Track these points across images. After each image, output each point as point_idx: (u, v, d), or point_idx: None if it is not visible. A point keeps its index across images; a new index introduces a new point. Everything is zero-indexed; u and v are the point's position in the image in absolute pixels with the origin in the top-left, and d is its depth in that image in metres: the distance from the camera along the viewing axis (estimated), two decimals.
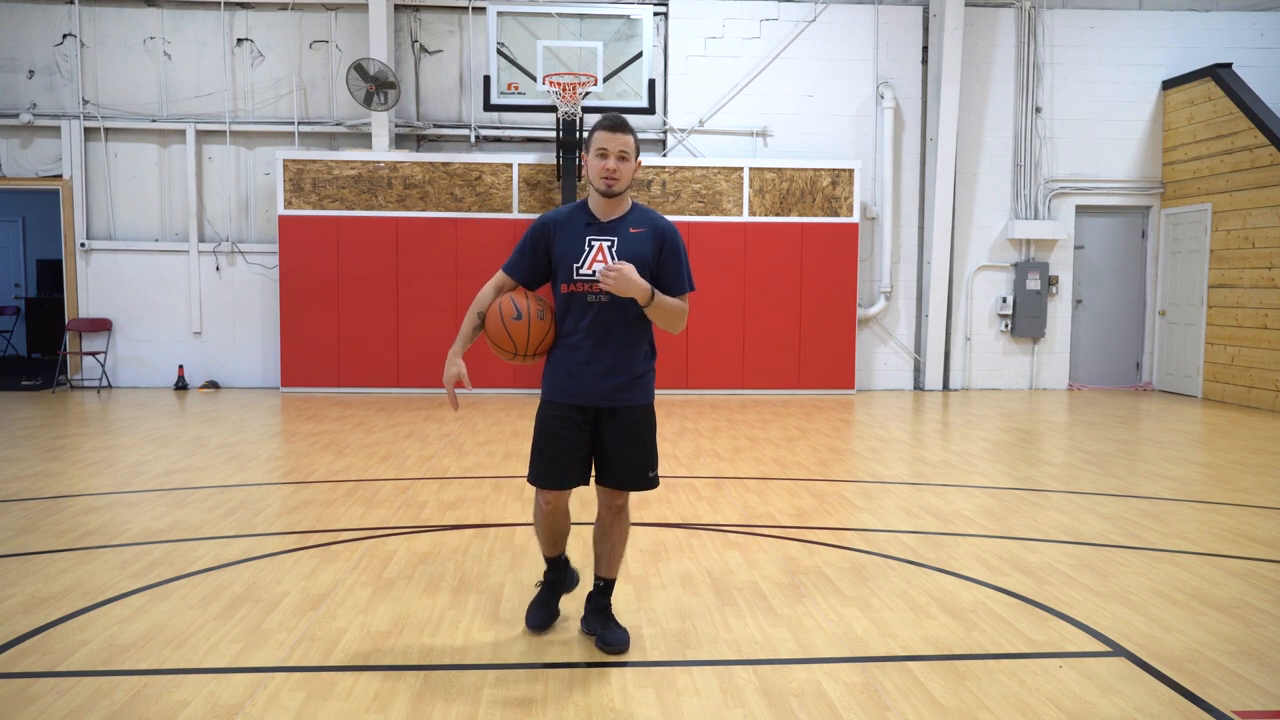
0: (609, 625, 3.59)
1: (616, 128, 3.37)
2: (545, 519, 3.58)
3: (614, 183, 3.37)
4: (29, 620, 3.78)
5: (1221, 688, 3.26)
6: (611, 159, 3.35)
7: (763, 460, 7.29)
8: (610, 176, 3.36)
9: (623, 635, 3.56)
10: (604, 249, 3.40)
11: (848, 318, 11.49)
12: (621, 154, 3.36)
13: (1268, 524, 5.47)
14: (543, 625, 3.71)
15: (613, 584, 3.67)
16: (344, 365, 11.21)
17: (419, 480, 6.48)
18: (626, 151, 3.37)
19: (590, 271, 3.38)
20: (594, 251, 3.40)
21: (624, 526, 3.61)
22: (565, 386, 3.45)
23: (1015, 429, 9.09)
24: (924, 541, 5.04)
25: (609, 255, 3.39)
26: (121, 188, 11.59)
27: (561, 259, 3.42)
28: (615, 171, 3.35)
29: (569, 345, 3.44)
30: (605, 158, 3.36)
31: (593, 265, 3.38)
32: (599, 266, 3.36)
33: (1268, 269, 10.39)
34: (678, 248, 3.47)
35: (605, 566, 3.63)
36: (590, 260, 3.39)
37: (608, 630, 3.57)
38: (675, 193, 11.29)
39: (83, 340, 11.57)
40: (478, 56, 11.62)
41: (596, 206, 3.46)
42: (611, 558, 3.62)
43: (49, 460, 7.09)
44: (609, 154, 3.35)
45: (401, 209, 11.16)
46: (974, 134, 12.00)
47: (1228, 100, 11.02)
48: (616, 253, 3.39)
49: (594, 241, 3.41)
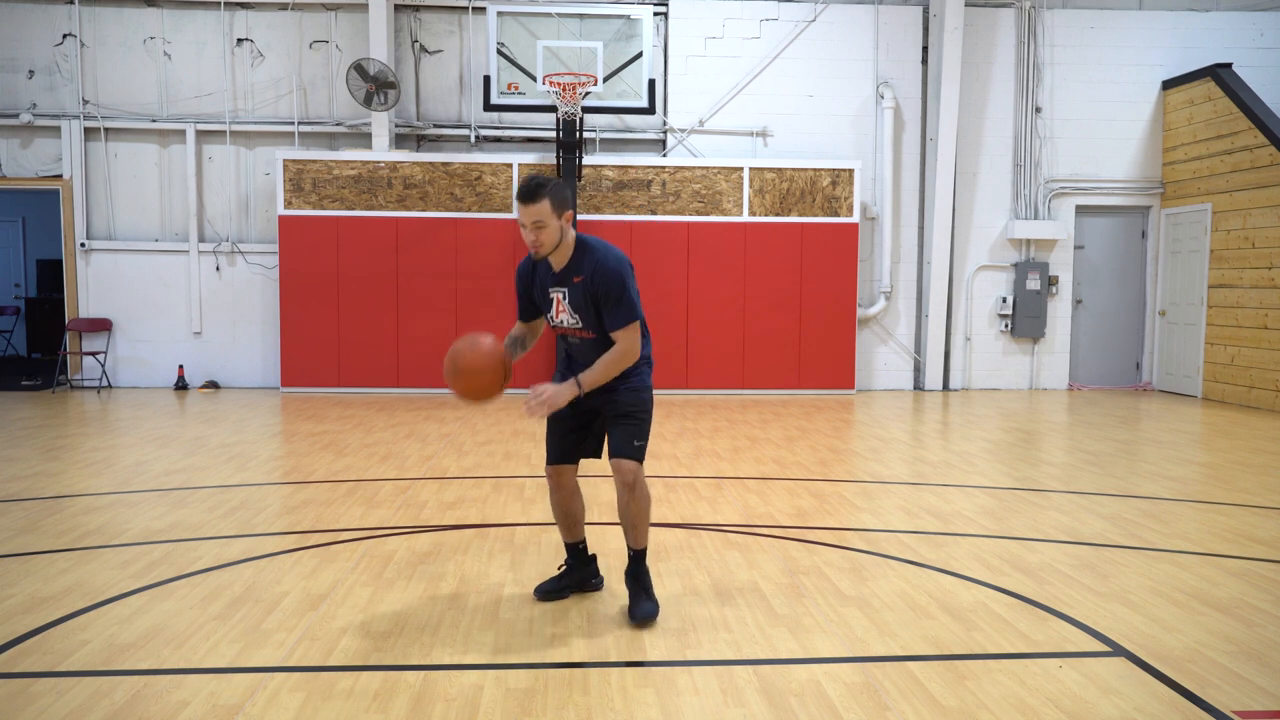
0: (639, 595, 3.84)
1: (526, 199, 3.58)
2: (552, 495, 3.99)
3: (538, 249, 3.64)
4: (29, 620, 3.78)
5: (1221, 688, 3.26)
6: (528, 230, 3.61)
7: (763, 460, 7.29)
8: (534, 245, 3.64)
9: (649, 608, 3.80)
10: (560, 299, 3.75)
11: (848, 318, 11.49)
12: (536, 224, 3.58)
13: (1268, 524, 5.47)
14: (547, 594, 4.03)
15: (643, 553, 3.90)
16: (344, 365, 11.21)
17: (419, 480, 6.48)
18: (541, 220, 3.58)
19: (559, 321, 3.79)
20: (554, 303, 3.78)
21: (639, 503, 3.81)
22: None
23: (1015, 429, 9.09)
24: (924, 541, 5.04)
25: (565, 306, 3.74)
26: (121, 188, 11.59)
27: (540, 308, 3.87)
28: (536, 242, 3.62)
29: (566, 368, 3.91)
30: (524, 228, 3.62)
31: (559, 316, 3.77)
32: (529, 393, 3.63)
33: (1268, 269, 10.40)
34: (610, 287, 3.65)
35: (631, 539, 3.88)
36: (556, 310, 3.78)
37: (635, 602, 3.83)
38: (675, 193, 11.30)
39: (83, 340, 11.57)
40: (478, 56, 11.62)
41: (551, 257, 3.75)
42: (635, 531, 3.85)
43: (49, 460, 7.09)
44: (525, 225, 3.61)
45: (401, 209, 11.16)
46: (974, 134, 12.00)
47: (1228, 100, 11.02)
48: (569, 303, 3.73)
49: (552, 294, 3.77)
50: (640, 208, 11.27)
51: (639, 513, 3.83)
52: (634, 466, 3.76)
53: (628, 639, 3.66)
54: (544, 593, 4.04)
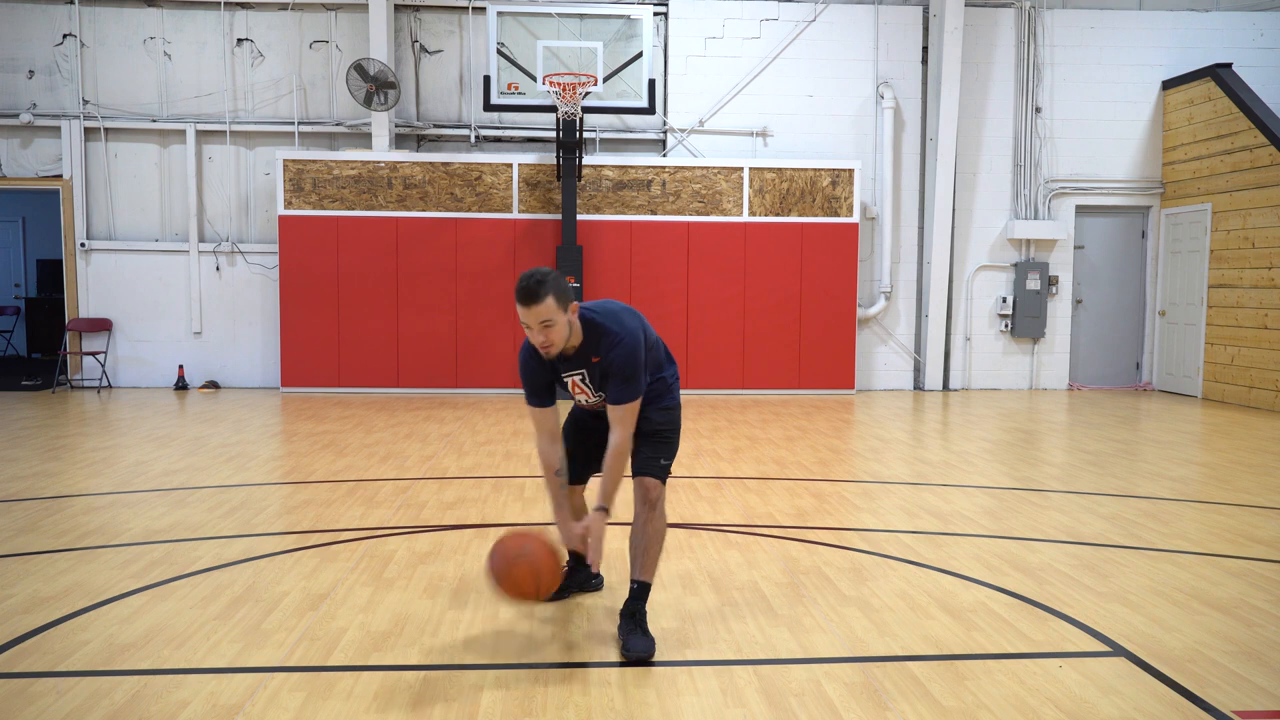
0: (634, 631, 3.51)
1: (528, 300, 3.35)
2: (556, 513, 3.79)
3: (549, 350, 3.46)
4: (29, 620, 3.78)
5: (1221, 688, 3.26)
6: (535, 331, 3.41)
7: (763, 460, 7.29)
8: (545, 347, 3.46)
9: (645, 644, 3.46)
10: (577, 382, 3.66)
11: (848, 318, 11.49)
12: (544, 324, 3.38)
13: (1268, 524, 5.47)
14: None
15: (646, 588, 3.59)
16: (344, 365, 11.21)
17: (419, 480, 6.48)
18: (548, 319, 3.38)
19: (579, 400, 3.77)
20: (571, 385, 3.71)
21: (657, 523, 3.59)
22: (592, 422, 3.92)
23: (1015, 429, 9.09)
24: (924, 541, 5.04)
25: (585, 386, 3.66)
26: (121, 188, 11.59)
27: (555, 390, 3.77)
28: (545, 342, 3.44)
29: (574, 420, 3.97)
30: (531, 329, 3.43)
31: (577, 396, 3.74)
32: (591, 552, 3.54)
33: (1268, 269, 10.39)
34: (623, 367, 3.53)
35: (638, 568, 3.58)
36: (572, 390, 3.73)
37: (631, 636, 3.48)
38: (675, 193, 11.30)
39: (83, 340, 11.57)
40: (478, 56, 11.62)
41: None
42: (645, 558, 3.57)
43: (49, 460, 7.09)
44: (532, 327, 3.41)
45: (401, 209, 11.16)
46: (974, 134, 12.00)
47: (1228, 100, 11.02)
48: (589, 383, 3.64)
49: (566, 378, 3.67)
50: (640, 208, 11.27)
51: (655, 534, 3.58)
52: (658, 485, 3.61)
53: None
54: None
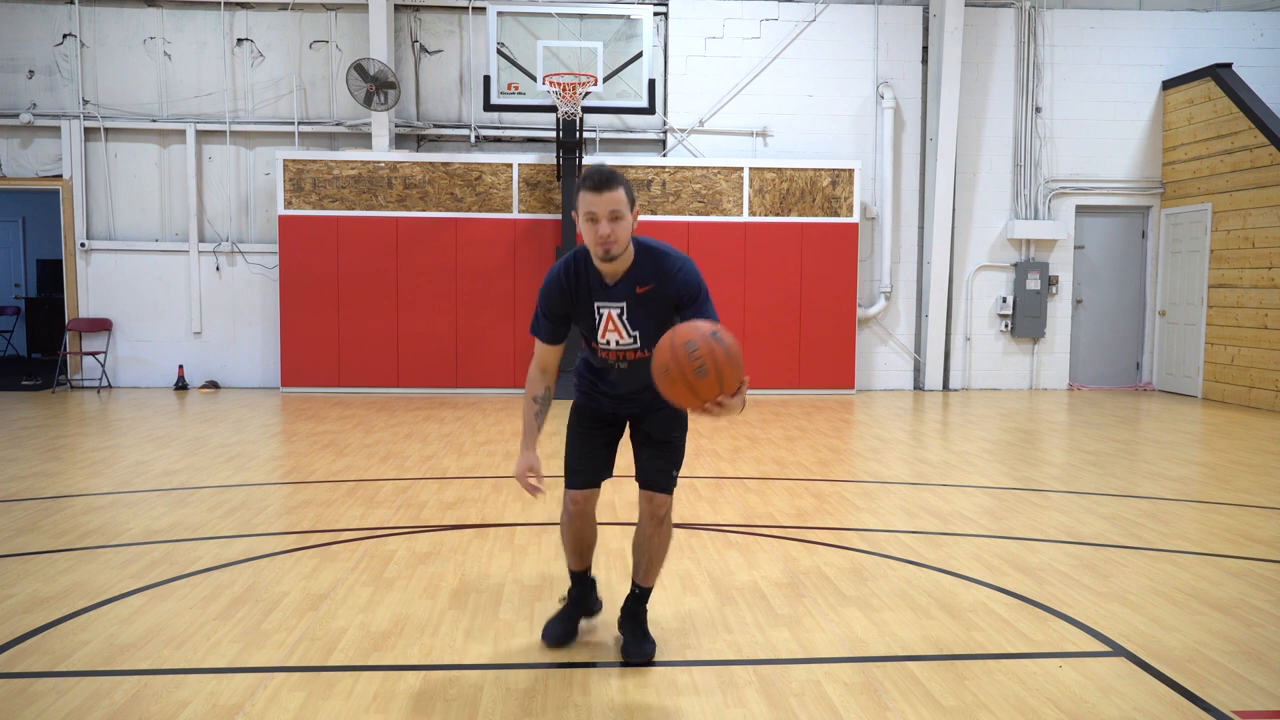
0: (637, 634, 3.49)
1: (602, 186, 3.01)
2: (572, 522, 3.47)
3: (611, 246, 3.05)
4: (29, 620, 3.77)
5: (1221, 688, 3.26)
6: (604, 222, 3.03)
7: (763, 460, 7.29)
8: (607, 242, 3.05)
9: (649, 647, 3.45)
10: (613, 317, 3.18)
11: (848, 318, 11.49)
12: (613, 214, 3.02)
13: (1268, 524, 5.47)
14: (560, 640, 3.56)
15: (648, 592, 3.54)
16: (344, 365, 11.21)
17: (419, 480, 6.48)
18: (618, 210, 3.03)
19: (605, 341, 3.23)
20: (604, 320, 3.19)
21: (665, 537, 3.45)
22: (598, 403, 3.44)
23: (1015, 429, 9.09)
24: (924, 541, 5.04)
25: (620, 324, 3.18)
26: (121, 188, 11.59)
27: (579, 323, 3.28)
28: (610, 236, 3.04)
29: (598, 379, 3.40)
30: (596, 222, 3.03)
31: (606, 335, 3.22)
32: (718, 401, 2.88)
33: (1268, 269, 10.39)
34: (696, 293, 3.16)
35: (642, 575, 3.50)
36: (603, 330, 3.21)
37: (635, 640, 3.47)
38: (675, 193, 11.30)
39: (83, 340, 11.57)
40: (478, 56, 11.62)
41: (600, 265, 3.16)
42: (650, 567, 3.48)
43: (49, 460, 7.09)
44: (599, 218, 3.03)
45: (401, 209, 11.16)
46: (974, 134, 12.00)
47: (1228, 100, 11.02)
48: (626, 320, 3.18)
49: (602, 310, 3.19)
50: (640, 208, 11.26)
51: (661, 547, 3.45)
52: (668, 500, 3.38)
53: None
54: (556, 638, 3.55)
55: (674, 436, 3.40)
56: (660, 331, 3.10)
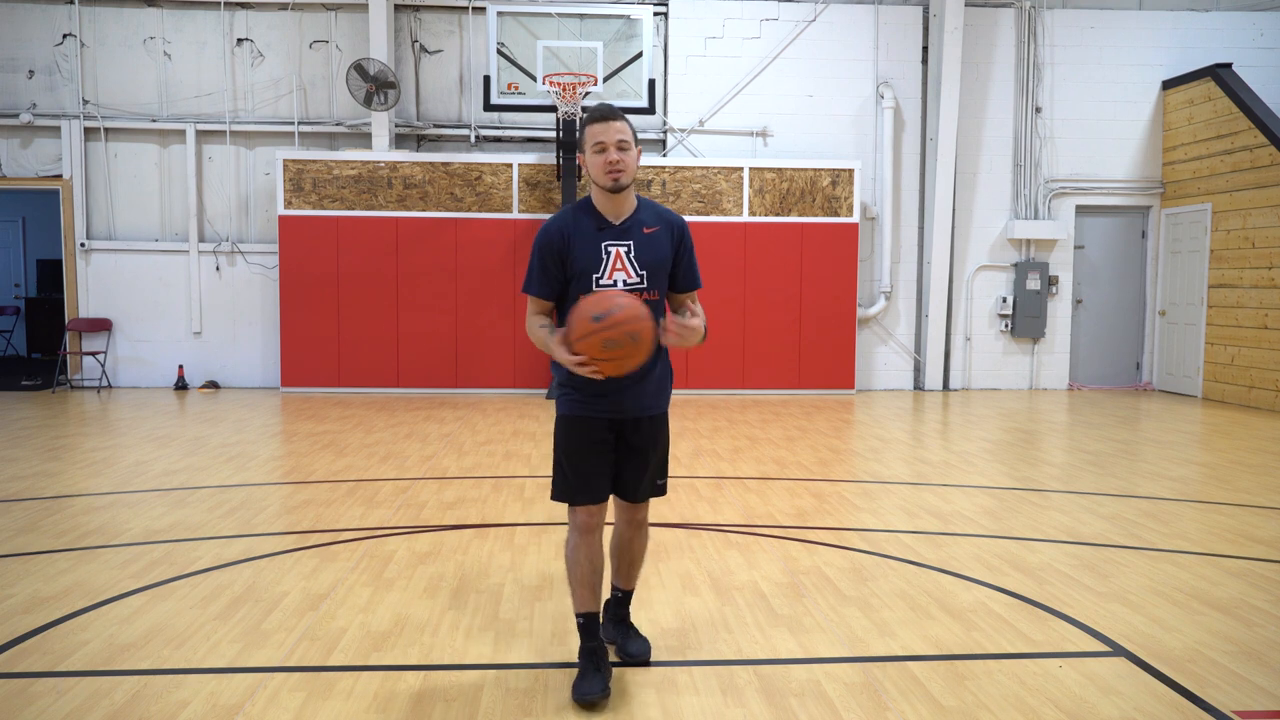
0: (629, 635, 3.50)
1: (609, 117, 3.13)
2: (583, 541, 3.21)
3: (620, 174, 3.13)
4: (29, 620, 3.78)
5: (1221, 688, 3.26)
6: (612, 150, 3.12)
7: (763, 460, 7.29)
8: (615, 169, 3.12)
9: (644, 645, 3.47)
10: (622, 255, 3.17)
11: (848, 318, 11.49)
12: (620, 143, 3.13)
13: (1268, 524, 5.47)
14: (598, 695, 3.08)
15: (631, 594, 3.55)
16: (344, 365, 11.21)
17: (419, 480, 6.48)
18: (625, 140, 3.14)
19: (611, 281, 3.16)
20: (612, 259, 3.17)
21: (645, 539, 3.45)
22: (594, 404, 3.20)
23: (1015, 429, 9.09)
24: (924, 541, 5.04)
25: (627, 263, 3.17)
26: (121, 188, 11.59)
27: (580, 271, 3.16)
28: (619, 163, 3.12)
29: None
30: (605, 150, 3.12)
31: (613, 275, 3.16)
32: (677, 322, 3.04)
33: (1268, 269, 10.39)
34: (691, 244, 3.33)
35: (625, 579, 3.50)
36: (610, 269, 3.16)
37: (629, 640, 3.47)
38: (675, 193, 11.29)
39: (83, 340, 11.57)
40: (478, 56, 11.62)
41: (604, 206, 3.21)
42: (632, 570, 3.48)
43: (49, 460, 7.09)
44: (608, 146, 3.12)
45: (401, 209, 11.16)
46: (974, 134, 12.00)
47: (1228, 100, 11.02)
48: (635, 258, 3.18)
49: (610, 248, 3.17)
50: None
51: (642, 549, 3.47)
52: (647, 506, 3.41)
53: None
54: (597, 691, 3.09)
55: (666, 445, 3.38)
56: (663, 275, 3.24)
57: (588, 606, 3.23)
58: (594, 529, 3.22)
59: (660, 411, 3.33)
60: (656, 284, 3.22)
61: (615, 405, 3.21)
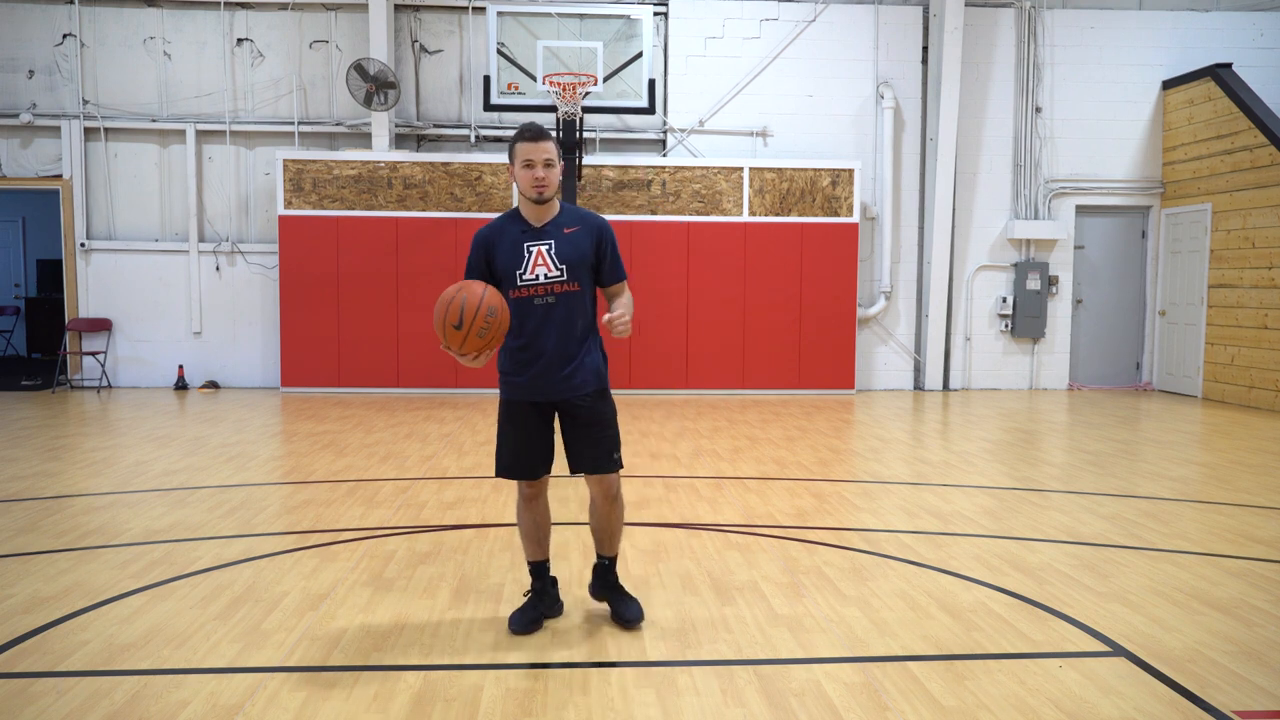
0: (621, 600, 3.82)
1: (538, 137, 3.54)
2: (526, 507, 3.76)
3: (544, 189, 3.56)
4: (29, 620, 3.78)
5: (1221, 688, 3.26)
6: (539, 168, 3.54)
7: (763, 460, 7.29)
8: (541, 184, 3.54)
9: (636, 610, 3.78)
10: (542, 252, 3.59)
11: (848, 318, 11.49)
12: (547, 161, 3.54)
13: (1268, 524, 5.47)
14: (525, 629, 3.69)
15: (614, 560, 3.86)
16: (344, 365, 11.21)
17: (419, 480, 6.48)
18: (551, 158, 3.55)
19: (533, 276, 3.58)
20: (534, 256, 3.59)
21: (620, 511, 3.79)
22: (521, 387, 3.65)
23: (1015, 429, 9.09)
24: (924, 541, 5.04)
25: (548, 258, 3.58)
26: (121, 188, 11.59)
27: (505, 270, 3.59)
28: (544, 179, 3.54)
29: (519, 348, 3.63)
30: (533, 167, 3.54)
31: (535, 270, 3.58)
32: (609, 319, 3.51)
33: (1268, 269, 10.40)
34: (614, 241, 3.73)
35: (607, 546, 3.83)
36: (532, 266, 3.58)
37: (621, 605, 3.79)
38: (675, 193, 11.30)
39: (83, 340, 11.57)
40: (478, 56, 11.62)
41: (529, 213, 3.64)
42: (611, 539, 3.81)
43: (49, 460, 7.09)
44: (535, 164, 3.53)
45: (401, 209, 11.16)
46: (974, 134, 12.00)
47: (1228, 100, 11.02)
48: (555, 254, 3.59)
49: (531, 248, 3.60)
50: (640, 208, 11.27)
51: (618, 520, 3.78)
52: (616, 478, 3.72)
53: (628, 639, 3.66)
54: (524, 625, 3.69)
55: (609, 420, 3.69)
56: (584, 269, 3.63)
57: (534, 556, 3.82)
58: (535, 497, 3.75)
59: (591, 390, 3.66)
60: (576, 277, 3.61)
61: (535, 388, 3.63)
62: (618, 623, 3.76)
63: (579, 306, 3.62)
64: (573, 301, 3.60)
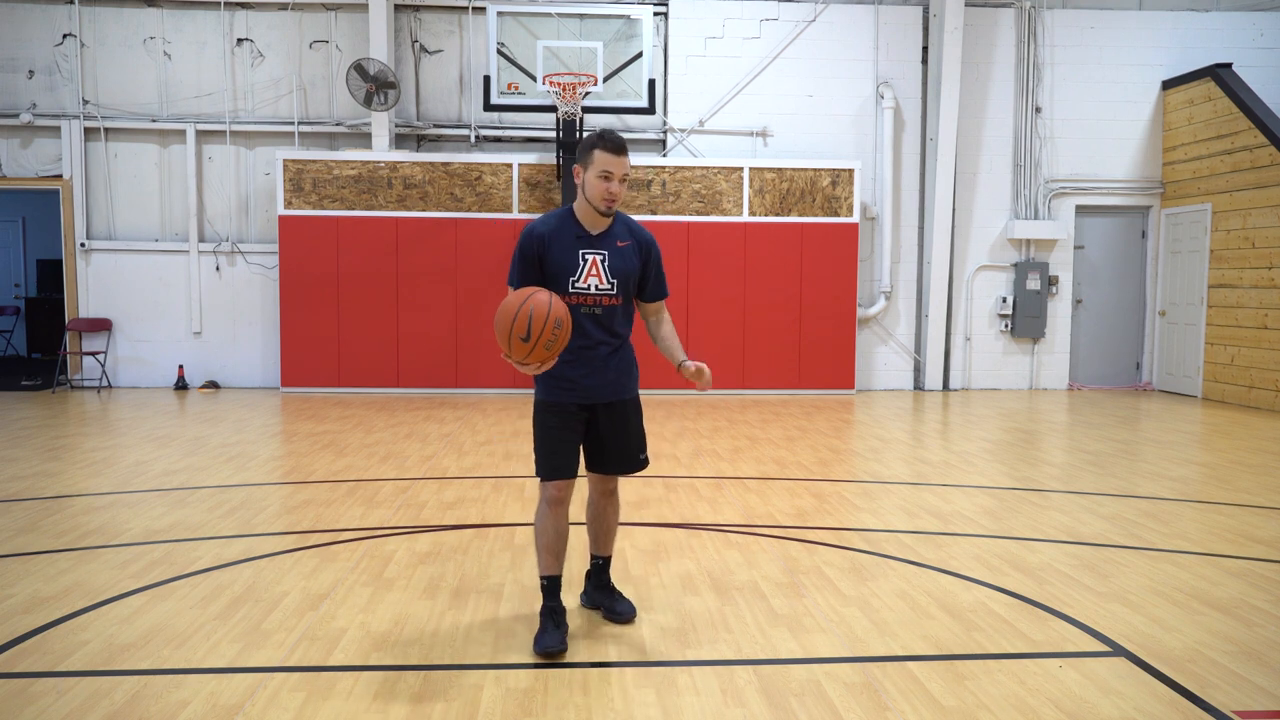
0: (614, 597, 3.88)
1: (621, 150, 3.49)
2: (552, 513, 3.58)
3: (615, 203, 3.51)
4: (29, 620, 3.78)
5: (1221, 688, 3.26)
6: (615, 182, 3.48)
7: (763, 460, 7.29)
8: (612, 198, 3.49)
9: (629, 606, 3.85)
10: (597, 263, 3.54)
11: (848, 318, 11.49)
12: (624, 177, 3.50)
13: (1268, 524, 5.47)
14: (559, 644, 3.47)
15: (609, 560, 3.92)
16: (344, 365, 11.21)
17: (419, 480, 6.48)
18: (628, 173, 3.54)
19: (586, 285, 3.53)
20: (589, 265, 3.53)
21: (616, 507, 3.86)
22: (567, 391, 3.59)
23: (1015, 429, 9.09)
24: (924, 541, 5.04)
25: (602, 270, 3.53)
26: (121, 188, 11.59)
27: (557, 273, 3.51)
28: (617, 194, 3.50)
29: (565, 353, 3.51)
30: (609, 180, 3.47)
31: (588, 279, 3.53)
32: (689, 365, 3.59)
33: (1268, 269, 10.40)
34: (660, 259, 3.73)
35: (603, 545, 3.88)
36: (586, 274, 3.53)
37: (615, 602, 3.86)
38: (675, 193, 11.30)
39: (83, 340, 11.57)
40: (478, 56, 11.62)
41: (586, 219, 3.57)
42: (608, 537, 3.86)
43: (49, 460, 7.09)
44: (613, 177, 3.47)
45: (401, 209, 11.16)
46: (974, 134, 12.00)
47: (1228, 100, 11.02)
48: (608, 266, 3.54)
49: (587, 255, 3.54)
50: (640, 208, 11.27)
51: (615, 516, 3.86)
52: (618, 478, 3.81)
53: (628, 639, 3.66)
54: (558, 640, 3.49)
55: (640, 419, 3.74)
56: (630, 284, 3.62)
57: (552, 570, 3.62)
58: (563, 502, 3.60)
59: (629, 396, 3.72)
60: (623, 291, 3.61)
61: (585, 392, 3.60)
62: (611, 618, 3.82)
63: (620, 317, 3.64)
64: (615, 312, 3.61)
